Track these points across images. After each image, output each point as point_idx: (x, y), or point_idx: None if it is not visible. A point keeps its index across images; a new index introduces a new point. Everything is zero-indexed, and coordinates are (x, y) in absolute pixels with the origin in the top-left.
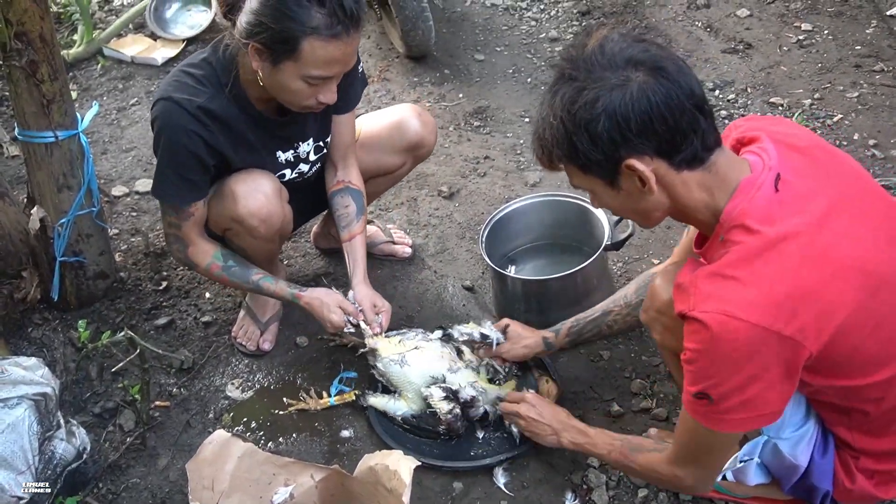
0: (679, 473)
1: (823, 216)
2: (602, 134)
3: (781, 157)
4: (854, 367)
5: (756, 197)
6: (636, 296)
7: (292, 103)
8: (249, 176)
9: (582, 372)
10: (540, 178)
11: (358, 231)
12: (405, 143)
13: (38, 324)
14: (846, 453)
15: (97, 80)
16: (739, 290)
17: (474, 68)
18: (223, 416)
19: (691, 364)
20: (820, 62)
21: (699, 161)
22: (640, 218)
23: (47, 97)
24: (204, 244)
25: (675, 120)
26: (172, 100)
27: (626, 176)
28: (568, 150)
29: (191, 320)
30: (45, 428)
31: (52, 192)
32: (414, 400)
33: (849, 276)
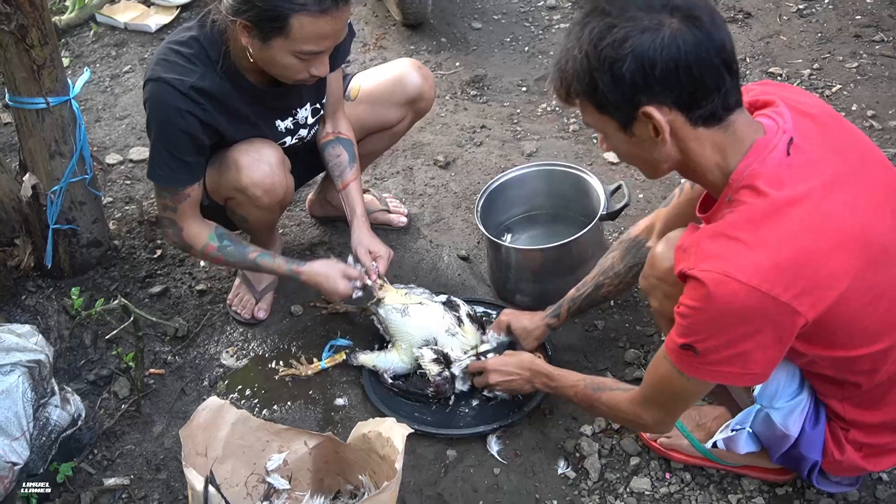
0: (641, 413)
1: (830, 184)
2: (625, 75)
3: (795, 122)
4: (849, 337)
5: (768, 158)
6: (623, 264)
7: (286, 77)
8: (252, 146)
9: (576, 341)
10: (536, 147)
11: (352, 178)
12: (405, 96)
13: (31, 291)
14: (836, 425)
15: (90, 47)
16: (742, 251)
17: (471, 36)
18: (218, 383)
19: (684, 318)
20: (820, 32)
21: (717, 120)
22: (647, 167)
23: (37, 62)
24: (198, 226)
25: (700, 73)
26: (163, 80)
27: (641, 123)
28: (587, 86)
29: (185, 289)
30: (39, 395)
31: (45, 159)
32: (406, 352)
33: (851, 247)
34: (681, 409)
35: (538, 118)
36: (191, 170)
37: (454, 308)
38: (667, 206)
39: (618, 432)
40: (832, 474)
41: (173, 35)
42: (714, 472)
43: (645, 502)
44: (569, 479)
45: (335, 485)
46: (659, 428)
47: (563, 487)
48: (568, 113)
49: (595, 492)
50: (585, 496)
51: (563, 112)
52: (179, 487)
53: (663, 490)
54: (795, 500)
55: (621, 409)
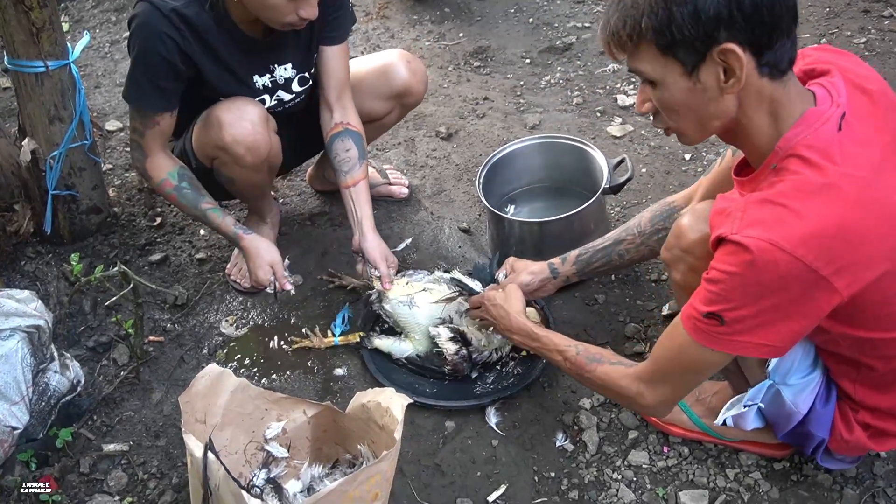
0: (644, 391)
1: (879, 164)
2: (709, 7)
3: (850, 97)
4: (877, 320)
5: (820, 130)
6: (651, 225)
7: (273, 20)
8: (234, 104)
9: (576, 315)
10: (539, 120)
11: (361, 177)
12: (391, 90)
13: (31, 257)
14: (846, 405)
15: (90, 12)
16: (790, 220)
17: (475, 7)
18: (217, 352)
19: (715, 284)
20: (828, 6)
21: (780, 72)
22: (695, 125)
23: (36, 25)
24: (163, 159)
25: (780, 13)
26: (150, 2)
27: (709, 66)
28: (662, 19)
29: (185, 257)
30: (38, 360)
31: (44, 123)
32: (420, 341)
33: (894, 229)
34: (689, 387)
35: (541, 90)
36: (164, 95)
37: (459, 284)
38: (708, 175)
39: (617, 406)
40: (837, 453)
41: None
42: (712, 446)
43: (642, 476)
44: (567, 452)
45: (334, 454)
46: (659, 409)
47: (561, 460)
48: (572, 86)
49: (593, 464)
50: (583, 469)
51: (567, 85)
52: (178, 454)
53: (661, 464)
54: (793, 475)
55: (620, 384)
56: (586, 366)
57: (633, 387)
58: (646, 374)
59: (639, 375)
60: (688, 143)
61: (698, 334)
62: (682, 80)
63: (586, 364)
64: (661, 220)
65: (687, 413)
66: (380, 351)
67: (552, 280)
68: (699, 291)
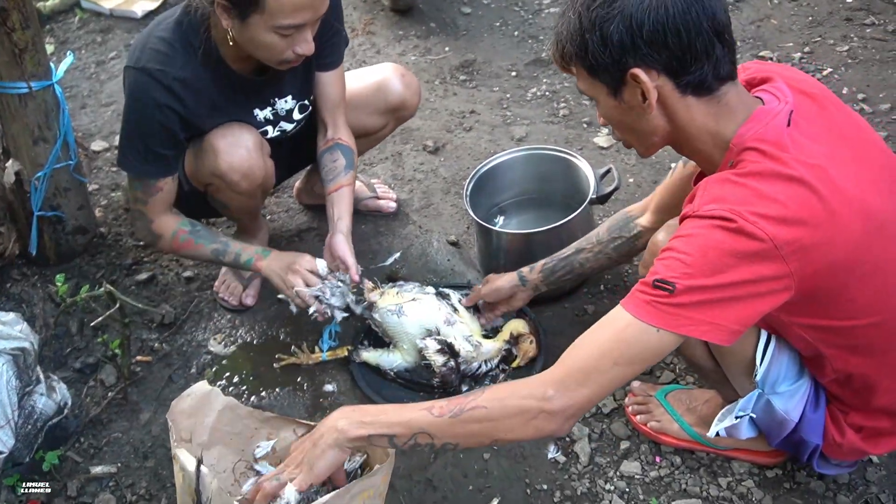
0: (551, 392)
1: (830, 157)
2: (613, 35)
3: (794, 99)
4: (837, 308)
5: (770, 124)
6: (608, 234)
7: (269, 59)
8: (230, 130)
9: (566, 326)
10: (526, 132)
11: (344, 183)
12: (387, 104)
13: (16, 279)
14: (836, 408)
15: (75, 33)
16: (749, 197)
17: (461, 21)
18: (206, 370)
19: (671, 251)
20: (811, 15)
21: (707, 89)
22: (638, 140)
23: (19, 46)
24: (169, 216)
25: (688, 38)
26: (146, 71)
27: (629, 87)
28: (579, 47)
29: (172, 275)
30: (24, 383)
31: (28, 144)
32: (409, 352)
33: (853, 217)
34: (616, 380)
35: (528, 103)
36: (166, 163)
37: (445, 297)
38: (662, 185)
39: (608, 416)
40: (833, 458)
41: (157, 20)
42: (704, 455)
43: (635, 486)
44: (559, 464)
45: None
46: (565, 416)
47: (553, 472)
48: (558, 98)
49: (585, 476)
50: (575, 480)
51: (553, 97)
52: (167, 475)
53: (653, 474)
54: (785, 483)
55: (519, 393)
56: (468, 397)
57: (537, 392)
58: (558, 374)
59: (548, 379)
60: (641, 155)
61: (640, 309)
62: (610, 99)
63: (466, 397)
64: (617, 229)
65: (678, 422)
66: (370, 366)
67: (521, 288)
68: (655, 263)
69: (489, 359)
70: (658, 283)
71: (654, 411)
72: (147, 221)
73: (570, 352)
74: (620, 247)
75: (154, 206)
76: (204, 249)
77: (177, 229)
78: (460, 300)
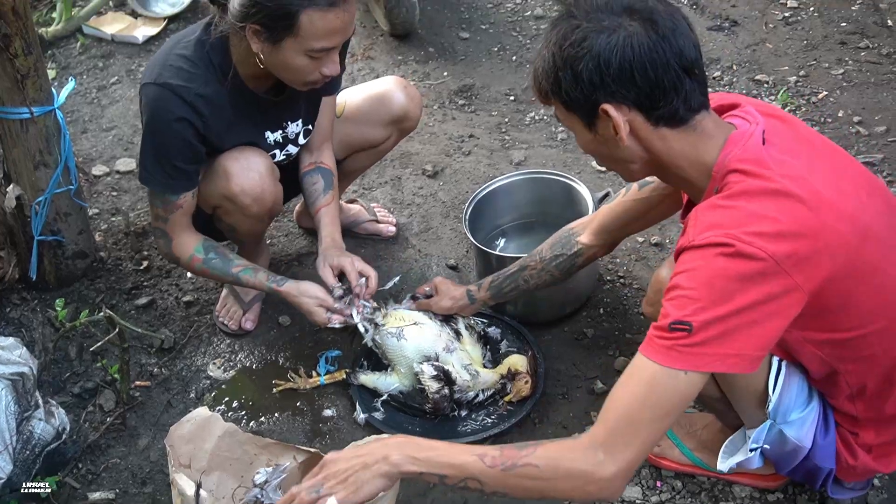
0: (601, 456)
1: (809, 169)
2: (583, 73)
3: (764, 119)
4: (846, 316)
5: (747, 145)
6: (550, 251)
7: (296, 81)
8: (242, 154)
9: (565, 349)
10: (525, 156)
11: (325, 203)
12: (390, 116)
13: (16, 304)
14: (846, 430)
15: (76, 59)
16: (743, 218)
17: (459, 46)
18: (205, 395)
19: (678, 289)
20: (806, 39)
21: (680, 121)
22: (619, 168)
23: (21, 72)
24: (187, 237)
25: (656, 75)
26: (168, 87)
27: (602, 121)
28: (553, 84)
29: (172, 300)
30: (22, 408)
31: (29, 169)
32: (406, 375)
33: (843, 222)
34: (657, 433)
35: (526, 127)
36: (187, 177)
37: (451, 322)
38: (609, 204)
39: None
40: (846, 481)
41: (175, 38)
42: (705, 479)
43: None
44: None
45: None
46: (619, 480)
47: None
48: (555, 122)
49: None
50: None
51: (552, 121)
52: (165, 501)
53: (654, 499)
54: None
55: (572, 456)
56: (520, 453)
57: (589, 456)
58: (601, 436)
59: (593, 441)
60: (626, 180)
61: (663, 355)
62: (585, 132)
63: (519, 451)
64: (559, 247)
65: (679, 447)
66: (367, 388)
67: (469, 305)
68: (662, 308)
69: (486, 388)
70: (674, 326)
71: None
72: (168, 240)
73: (608, 407)
74: (561, 264)
75: (173, 225)
76: (216, 276)
77: (192, 255)
78: (468, 325)
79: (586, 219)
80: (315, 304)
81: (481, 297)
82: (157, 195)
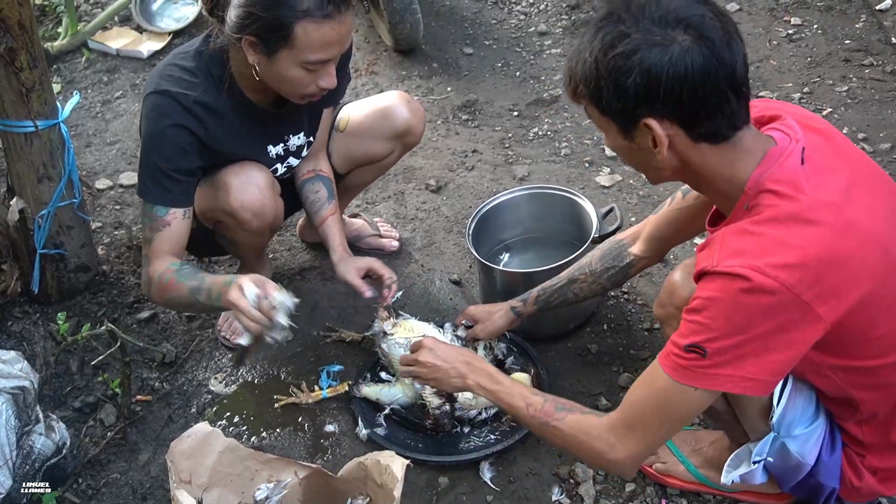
0: (614, 441)
1: (847, 192)
2: (629, 88)
3: (805, 134)
4: (867, 345)
5: (784, 164)
6: (601, 264)
7: (293, 93)
8: (243, 169)
9: (569, 365)
10: (528, 171)
11: (329, 213)
12: (393, 130)
13: (18, 317)
14: (853, 451)
15: (81, 73)
16: (768, 247)
17: (463, 62)
18: (206, 410)
19: (697, 313)
20: (809, 56)
21: (722, 138)
22: (647, 172)
23: (26, 85)
24: (165, 259)
25: (704, 94)
26: (168, 94)
27: (641, 132)
28: (593, 90)
29: (174, 314)
30: (23, 422)
31: (33, 182)
32: (410, 386)
33: (872, 251)
34: (664, 437)
35: (530, 142)
36: (179, 188)
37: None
38: (656, 214)
39: None
40: (850, 501)
41: (176, 51)
42: (711, 497)
43: None
44: None
45: None
46: (627, 465)
47: None
48: (559, 137)
49: None
50: None
51: (555, 136)
52: None
53: None
54: None
55: (590, 433)
56: (554, 413)
57: (604, 437)
58: (618, 424)
59: (610, 426)
60: (650, 182)
61: (678, 371)
62: (620, 137)
63: (555, 412)
64: (610, 259)
65: (684, 464)
66: (369, 401)
67: (516, 320)
68: (680, 326)
69: (489, 406)
70: (690, 348)
71: (660, 452)
72: (147, 265)
73: (626, 401)
74: (613, 276)
75: (157, 245)
76: (182, 288)
77: (165, 269)
78: (485, 346)
79: (634, 229)
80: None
81: (528, 311)
82: (148, 212)
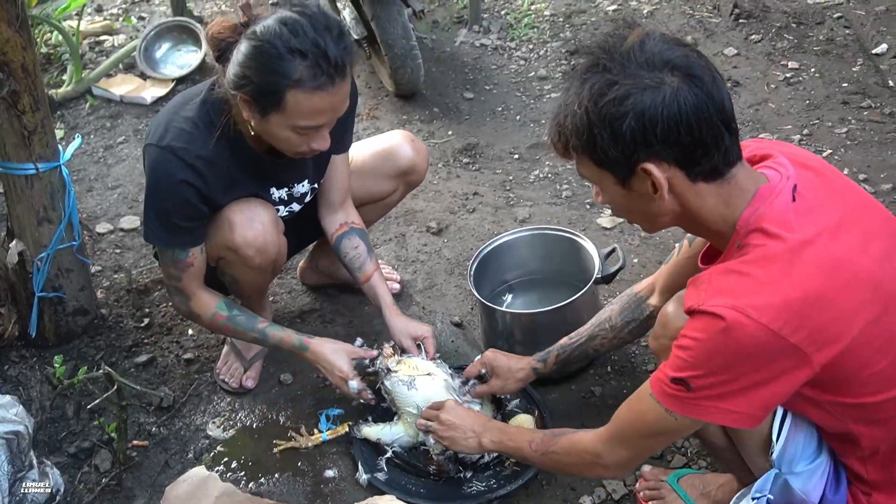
0: (603, 452)
1: (837, 228)
2: (625, 133)
3: (796, 172)
4: (862, 383)
5: (774, 203)
6: (621, 318)
7: (286, 150)
8: (247, 205)
9: (573, 408)
10: (529, 213)
11: (373, 269)
12: (397, 169)
13: (14, 361)
14: (858, 489)
15: (85, 119)
16: (753, 288)
17: (463, 106)
18: (203, 455)
19: (683, 350)
20: (808, 99)
21: (717, 175)
22: (645, 221)
23: (28, 128)
24: (205, 296)
25: (700, 132)
26: (170, 150)
27: (639, 178)
28: (586, 141)
29: (172, 357)
30: (16, 468)
31: (32, 225)
32: (412, 425)
33: (863, 288)
34: (650, 451)
35: (531, 185)
36: (189, 233)
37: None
38: (667, 264)
39: (618, 502)
40: None
41: (181, 98)
42: None
43: None
44: None
45: None
46: (616, 472)
47: None
48: (560, 179)
49: None
50: None
51: (556, 179)
52: None
53: None
54: None
55: (579, 447)
56: (551, 440)
57: (593, 448)
58: (607, 436)
59: (601, 437)
60: (646, 231)
61: (664, 397)
62: (617, 188)
63: (551, 439)
64: (629, 312)
65: None
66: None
67: (534, 378)
68: (670, 358)
69: None
70: (675, 380)
71: (667, 497)
72: (185, 298)
73: (617, 416)
74: (635, 329)
75: (188, 283)
76: (244, 336)
77: (215, 312)
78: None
79: (648, 282)
80: (339, 378)
81: (548, 370)
82: (167, 253)
